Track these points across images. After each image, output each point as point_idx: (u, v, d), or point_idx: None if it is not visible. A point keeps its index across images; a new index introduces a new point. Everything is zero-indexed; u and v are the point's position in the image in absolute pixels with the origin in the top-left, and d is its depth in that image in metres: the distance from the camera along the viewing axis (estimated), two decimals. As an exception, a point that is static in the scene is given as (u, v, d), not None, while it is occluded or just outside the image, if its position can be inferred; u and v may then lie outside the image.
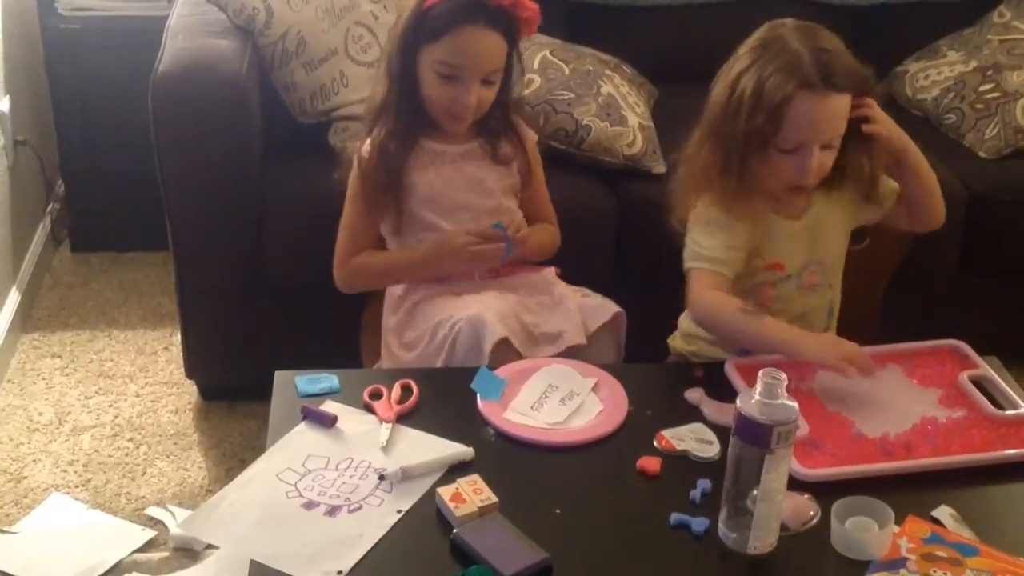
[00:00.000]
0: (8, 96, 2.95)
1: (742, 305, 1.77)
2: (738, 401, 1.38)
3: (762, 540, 1.40)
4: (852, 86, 1.75)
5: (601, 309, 1.99)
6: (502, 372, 1.72)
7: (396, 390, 1.68)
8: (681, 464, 1.57)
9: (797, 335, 1.74)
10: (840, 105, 1.74)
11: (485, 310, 1.86)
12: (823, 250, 1.91)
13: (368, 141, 2.01)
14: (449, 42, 1.89)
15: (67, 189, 3.28)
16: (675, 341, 2.04)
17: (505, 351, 1.82)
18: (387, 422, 1.62)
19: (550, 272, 2.08)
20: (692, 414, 1.67)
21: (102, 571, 2.18)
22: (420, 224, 2.02)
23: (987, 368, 1.78)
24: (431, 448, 1.57)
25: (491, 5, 1.89)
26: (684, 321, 2.02)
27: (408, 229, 2.03)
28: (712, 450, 1.59)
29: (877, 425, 1.64)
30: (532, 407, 1.67)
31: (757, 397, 1.36)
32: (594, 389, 1.72)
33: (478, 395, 1.67)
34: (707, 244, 1.82)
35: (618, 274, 2.56)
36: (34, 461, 2.49)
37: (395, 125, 1.98)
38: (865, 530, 1.42)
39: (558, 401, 1.68)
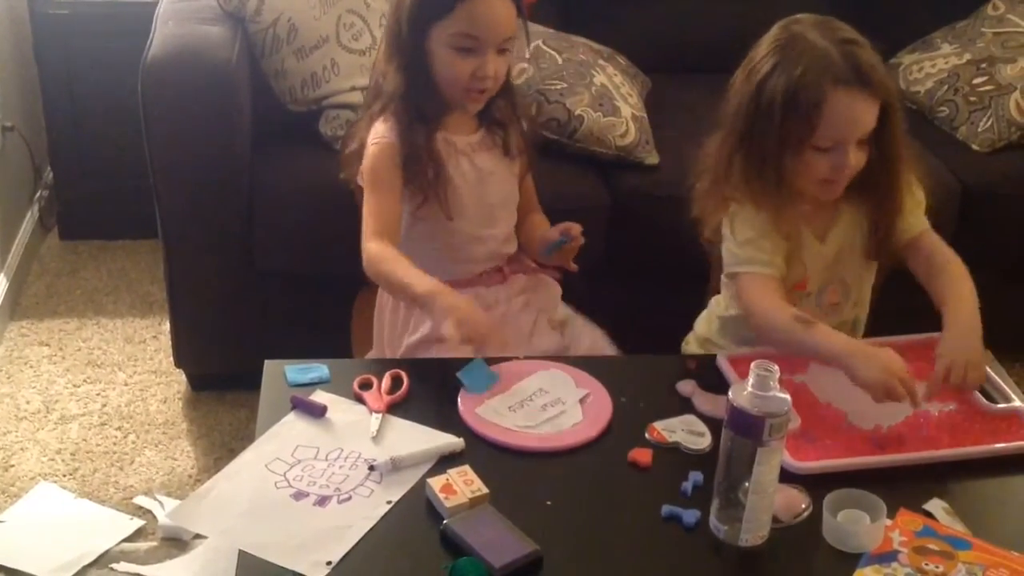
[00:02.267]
0: (-4, 82, 2.94)
1: (796, 313, 1.70)
2: (730, 393, 1.37)
3: (754, 532, 1.40)
4: (881, 89, 1.69)
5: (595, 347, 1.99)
6: (500, 369, 1.69)
7: (386, 380, 1.67)
8: (673, 456, 1.56)
9: (849, 352, 1.64)
10: (873, 100, 1.69)
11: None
12: (844, 268, 1.87)
13: (383, 128, 1.89)
14: (463, 12, 1.81)
15: (56, 176, 3.26)
16: (689, 347, 1.99)
17: None
18: (377, 412, 1.61)
19: (555, 288, 2.06)
20: (684, 406, 1.66)
21: (89, 560, 2.18)
22: (436, 216, 1.94)
23: (979, 361, 1.77)
24: (421, 438, 1.56)
25: None
26: (701, 324, 1.97)
27: (423, 219, 1.94)
28: (704, 442, 1.58)
29: (869, 418, 1.63)
30: (510, 408, 1.63)
31: (749, 389, 1.35)
32: (581, 400, 1.67)
33: (463, 385, 1.65)
34: (755, 247, 1.77)
35: (609, 265, 2.55)
36: (21, 449, 2.48)
37: (411, 113, 1.88)
38: (857, 523, 1.41)
39: (539, 407, 1.64)
